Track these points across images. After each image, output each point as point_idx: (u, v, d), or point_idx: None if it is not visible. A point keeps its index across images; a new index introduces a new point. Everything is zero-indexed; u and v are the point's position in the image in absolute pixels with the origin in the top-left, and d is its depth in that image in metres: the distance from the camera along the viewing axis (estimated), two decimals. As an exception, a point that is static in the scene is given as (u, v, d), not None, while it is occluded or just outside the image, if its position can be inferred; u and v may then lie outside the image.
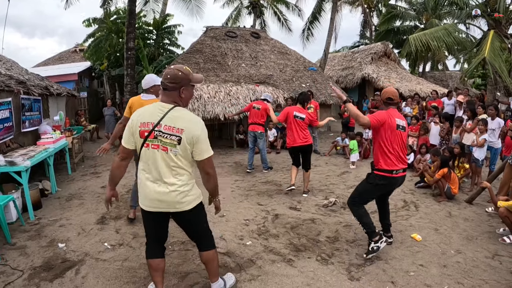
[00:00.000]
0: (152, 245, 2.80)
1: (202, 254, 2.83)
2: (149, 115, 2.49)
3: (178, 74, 2.47)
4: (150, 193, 2.53)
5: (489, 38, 11.76)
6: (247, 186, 6.54)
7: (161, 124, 2.44)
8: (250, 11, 23.61)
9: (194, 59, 12.19)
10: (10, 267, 3.46)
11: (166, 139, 2.44)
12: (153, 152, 2.47)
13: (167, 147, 2.45)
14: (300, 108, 5.90)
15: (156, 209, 2.58)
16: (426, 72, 23.86)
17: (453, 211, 5.23)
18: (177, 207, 2.56)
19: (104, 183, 6.65)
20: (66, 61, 20.67)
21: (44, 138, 6.59)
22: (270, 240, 4.16)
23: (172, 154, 2.46)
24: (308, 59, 15.21)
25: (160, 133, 2.44)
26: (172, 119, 2.44)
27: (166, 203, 2.54)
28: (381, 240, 3.70)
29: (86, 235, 4.30)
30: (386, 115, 3.58)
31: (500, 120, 6.75)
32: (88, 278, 3.29)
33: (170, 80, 2.46)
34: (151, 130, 2.45)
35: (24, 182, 4.77)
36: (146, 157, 2.51)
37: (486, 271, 3.48)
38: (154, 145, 2.46)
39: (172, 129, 2.43)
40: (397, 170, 3.62)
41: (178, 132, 2.42)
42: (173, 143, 2.44)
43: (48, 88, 8.32)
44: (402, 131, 3.68)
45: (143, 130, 2.47)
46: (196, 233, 2.83)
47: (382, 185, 3.71)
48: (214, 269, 2.91)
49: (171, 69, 2.51)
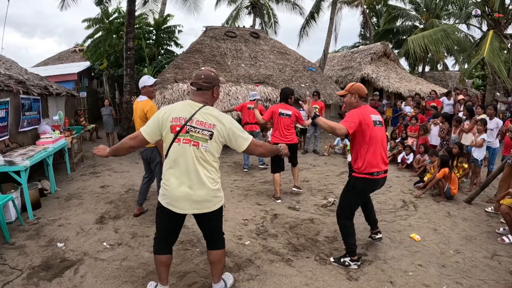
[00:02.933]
0: (162, 242, 2.81)
1: (212, 253, 2.84)
2: (180, 110, 2.54)
3: (211, 74, 2.59)
4: (178, 192, 2.53)
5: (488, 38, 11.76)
6: (246, 186, 6.55)
7: (193, 119, 2.49)
8: (249, 11, 23.63)
9: (193, 59, 12.19)
10: (9, 267, 3.47)
11: (198, 134, 2.49)
12: (184, 147, 2.50)
13: (199, 142, 2.49)
14: (284, 105, 5.74)
15: (180, 210, 2.57)
16: (425, 72, 23.86)
17: (452, 211, 5.24)
18: (206, 207, 2.59)
19: (104, 183, 6.66)
20: (66, 61, 20.65)
21: (43, 138, 6.59)
22: (268, 240, 4.17)
23: (202, 149, 2.50)
24: (307, 59, 15.22)
25: (191, 128, 2.48)
26: (204, 115, 2.51)
27: (194, 203, 2.55)
28: (356, 263, 3.52)
29: (85, 234, 4.30)
30: (360, 114, 3.33)
31: (498, 120, 6.76)
32: (87, 278, 3.29)
33: (205, 80, 2.56)
34: (183, 124, 2.49)
35: (23, 181, 4.77)
36: (176, 153, 2.52)
37: (485, 271, 3.48)
38: (185, 139, 2.49)
39: (204, 124, 2.50)
40: (378, 171, 3.36)
41: (210, 127, 2.50)
42: (204, 138, 2.49)
43: (47, 88, 8.31)
44: (380, 127, 3.45)
45: (175, 125, 2.50)
46: (213, 233, 2.84)
47: (362, 189, 3.50)
48: (220, 270, 2.93)
49: (203, 70, 2.61)
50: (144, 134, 2.61)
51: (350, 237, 3.55)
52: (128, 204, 5.40)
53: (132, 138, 2.67)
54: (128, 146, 2.67)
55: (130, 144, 2.66)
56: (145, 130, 2.61)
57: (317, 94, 10.23)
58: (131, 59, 10.85)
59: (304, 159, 8.92)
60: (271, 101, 10.75)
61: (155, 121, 2.59)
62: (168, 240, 2.83)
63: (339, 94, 3.71)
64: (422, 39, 13.41)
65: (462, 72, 14.31)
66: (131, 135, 2.70)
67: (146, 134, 2.61)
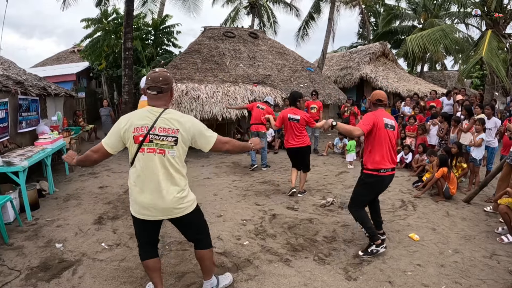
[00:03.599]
0: (145, 248, 2.78)
1: (198, 252, 2.84)
2: (141, 119, 2.45)
3: (168, 74, 2.51)
4: (144, 201, 2.49)
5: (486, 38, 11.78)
6: (244, 186, 6.54)
7: (155, 127, 2.42)
8: (248, 11, 23.63)
9: (192, 59, 12.18)
10: (7, 267, 3.46)
11: (163, 141, 2.42)
12: (149, 157, 2.44)
13: (164, 149, 2.43)
14: (293, 109, 5.77)
15: (151, 217, 2.55)
16: (424, 72, 23.89)
17: (451, 211, 5.24)
18: (175, 213, 2.56)
19: (102, 183, 6.65)
20: (64, 62, 20.61)
21: (42, 139, 6.57)
22: (267, 240, 4.16)
23: (170, 156, 2.45)
24: (306, 59, 15.22)
25: (155, 136, 2.42)
26: (165, 121, 2.44)
27: (162, 211, 2.52)
28: (382, 246, 3.79)
29: (83, 235, 4.29)
30: (374, 117, 3.68)
31: (496, 120, 6.77)
32: (85, 278, 3.28)
33: (164, 82, 2.47)
34: (146, 134, 2.42)
35: (21, 182, 4.77)
36: (140, 163, 2.46)
37: (484, 271, 3.48)
38: (149, 149, 2.43)
39: (167, 130, 2.43)
40: (385, 169, 3.68)
41: (174, 132, 2.43)
42: (170, 144, 2.43)
43: (46, 88, 8.30)
44: (391, 130, 3.76)
45: (137, 135, 2.43)
46: (195, 234, 2.81)
47: (370, 183, 3.78)
48: (208, 267, 2.91)
49: (159, 72, 2.50)
50: (105, 147, 2.51)
51: (367, 221, 3.82)
52: (126, 205, 5.38)
53: (95, 151, 2.55)
54: (93, 159, 2.58)
55: (94, 157, 2.56)
56: (106, 142, 2.52)
57: (316, 93, 10.23)
58: (129, 60, 10.83)
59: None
60: (270, 101, 10.73)
61: (115, 132, 2.49)
62: (150, 243, 2.80)
63: None
64: (420, 39, 13.43)
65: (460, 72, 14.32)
66: (94, 148, 2.57)
67: (108, 147, 2.51)
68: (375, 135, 3.68)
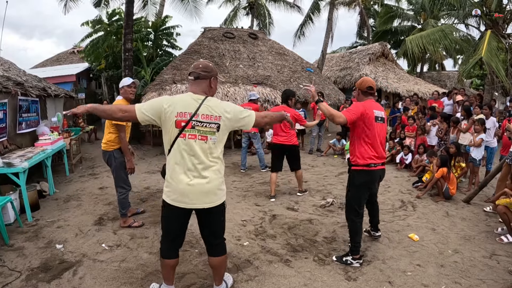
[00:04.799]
0: (168, 245, 2.76)
1: (214, 259, 2.77)
2: (184, 104, 2.48)
3: (209, 64, 2.62)
4: (185, 187, 2.49)
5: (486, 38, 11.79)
6: (244, 186, 6.55)
7: (198, 114, 2.46)
8: (247, 11, 23.64)
9: (191, 60, 12.18)
10: (8, 268, 3.46)
11: (205, 128, 2.47)
12: (189, 142, 2.47)
13: (207, 135, 2.48)
14: (285, 107, 5.73)
15: (188, 205, 2.53)
16: (424, 72, 23.90)
17: (450, 211, 5.25)
18: (211, 201, 2.57)
19: (102, 184, 6.65)
20: (64, 62, 20.64)
21: (42, 140, 6.57)
22: (267, 240, 4.17)
23: (211, 142, 2.50)
24: (305, 60, 15.23)
25: (198, 123, 2.46)
26: (208, 108, 2.49)
27: (203, 196, 2.52)
28: (358, 261, 3.57)
29: (84, 236, 4.29)
30: (362, 107, 3.38)
31: (494, 119, 6.78)
32: (86, 279, 3.29)
33: (203, 69, 2.56)
34: (188, 120, 2.45)
35: (21, 183, 4.77)
36: (181, 148, 2.47)
37: (484, 271, 3.49)
38: (191, 135, 2.46)
39: (210, 117, 2.49)
40: (375, 163, 3.46)
41: (216, 119, 2.50)
42: (212, 131, 2.49)
43: (46, 89, 8.30)
44: (381, 123, 3.51)
45: (180, 120, 2.45)
46: (214, 233, 2.76)
47: (362, 182, 3.54)
48: (222, 274, 2.91)
49: (201, 61, 2.64)
50: (137, 111, 2.45)
51: (357, 236, 3.60)
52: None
53: (123, 110, 2.48)
54: (113, 114, 2.49)
55: (117, 115, 2.48)
56: (141, 108, 2.47)
57: (321, 94, 10.28)
58: (129, 61, 10.84)
59: (303, 160, 8.91)
60: (269, 102, 10.75)
61: (157, 107, 2.47)
62: (175, 242, 2.77)
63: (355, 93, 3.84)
64: (420, 39, 13.45)
65: (460, 72, 14.33)
66: (123, 107, 2.54)
67: (140, 111, 2.45)
68: (365, 128, 3.39)
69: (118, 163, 4.39)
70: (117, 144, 4.36)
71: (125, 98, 4.47)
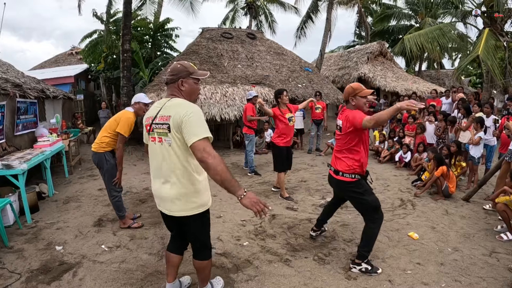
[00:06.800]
0: (172, 240, 2.87)
1: (195, 262, 2.75)
2: (151, 110, 2.56)
3: (177, 66, 2.51)
4: (154, 190, 2.58)
5: (483, 36, 11.81)
6: (244, 187, 6.52)
7: (157, 116, 2.45)
8: (246, 12, 23.64)
9: (190, 60, 12.18)
10: (7, 270, 3.46)
11: (160, 129, 2.42)
12: (153, 146, 2.49)
13: (161, 137, 2.41)
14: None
15: (160, 208, 2.60)
16: (422, 71, 23.93)
17: (450, 209, 5.25)
18: (171, 209, 2.48)
19: (101, 186, 6.63)
20: (63, 64, 20.64)
21: (40, 141, 6.57)
22: (267, 240, 4.17)
23: (166, 144, 2.39)
24: (304, 59, 15.23)
25: (155, 125, 2.45)
26: (166, 108, 2.42)
27: (161, 202, 2.53)
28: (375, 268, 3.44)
29: (83, 237, 4.29)
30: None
31: (494, 118, 6.79)
32: (86, 281, 3.28)
33: (169, 73, 2.52)
34: (150, 123, 2.49)
35: (21, 185, 4.76)
36: (150, 151, 2.56)
37: (484, 269, 3.50)
38: (152, 137, 2.49)
39: (163, 118, 2.39)
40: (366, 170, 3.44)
41: (167, 119, 2.35)
42: (164, 132, 2.38)
43: (44, 91, 8.29)
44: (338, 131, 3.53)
45: (146, 124, 2.53)
46: (194, 241, 2.69)
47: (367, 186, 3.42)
48: (205, 276, 2.82)
49: (173, 64, 2.60)
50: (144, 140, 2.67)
51: (372, 243, 3.44)
52: (126, 207, 5.38)
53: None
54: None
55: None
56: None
57: (320, 94, 10.27)
58: (128, 61, 10.84)
59: (302, 159, 8.94)
60: (268, 101, 10.75)
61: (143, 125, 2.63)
62: (176, 239, 2.82)
63: None
64: (418, 38, 13.46)
65: (456, 70, 14.34)
66: None
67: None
68: (362, 135, 3.31)
69: (110, 166, 4.39)
70: (109, 147, 4.40)
71: (137, 113, 4.41)
